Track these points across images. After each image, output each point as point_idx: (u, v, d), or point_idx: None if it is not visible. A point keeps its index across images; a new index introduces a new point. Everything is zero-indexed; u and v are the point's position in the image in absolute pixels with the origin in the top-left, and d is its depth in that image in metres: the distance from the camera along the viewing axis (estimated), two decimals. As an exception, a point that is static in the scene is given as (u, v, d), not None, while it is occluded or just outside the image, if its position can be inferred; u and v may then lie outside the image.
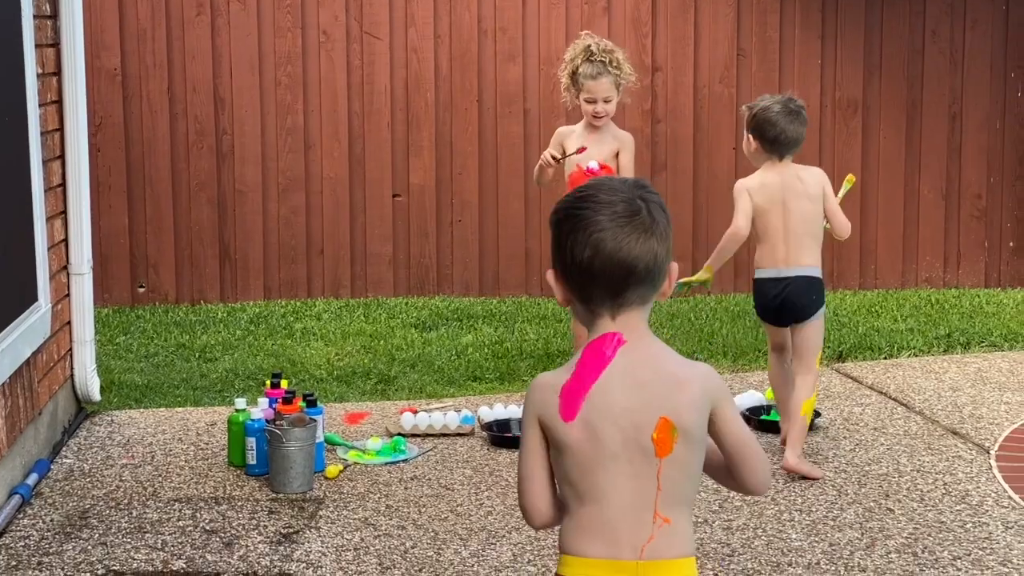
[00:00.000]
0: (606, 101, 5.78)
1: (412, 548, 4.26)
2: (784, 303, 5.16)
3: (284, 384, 5.36)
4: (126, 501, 4.74)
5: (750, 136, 5.22)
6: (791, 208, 5.18)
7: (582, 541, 2.33)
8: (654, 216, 2.34)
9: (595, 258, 2.29)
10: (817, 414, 5.66)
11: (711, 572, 4.04)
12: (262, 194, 8.54)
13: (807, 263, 5.20)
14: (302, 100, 8.52)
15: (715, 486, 4.47)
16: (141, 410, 6.00)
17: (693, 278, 5.34)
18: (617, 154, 5.86)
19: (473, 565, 4.11)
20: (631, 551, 2.29)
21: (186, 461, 5.21)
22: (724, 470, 2.43)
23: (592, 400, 2.32)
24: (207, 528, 4.45)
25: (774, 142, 5.14)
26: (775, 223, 5.21)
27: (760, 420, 5.61)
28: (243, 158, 8.51)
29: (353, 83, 8.56)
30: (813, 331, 5.17)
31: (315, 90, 8.53)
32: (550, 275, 2.39)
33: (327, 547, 4.27)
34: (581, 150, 5.76)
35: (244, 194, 8.53)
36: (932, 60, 8.95)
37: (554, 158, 5.79)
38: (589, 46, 5.77)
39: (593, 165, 5.72)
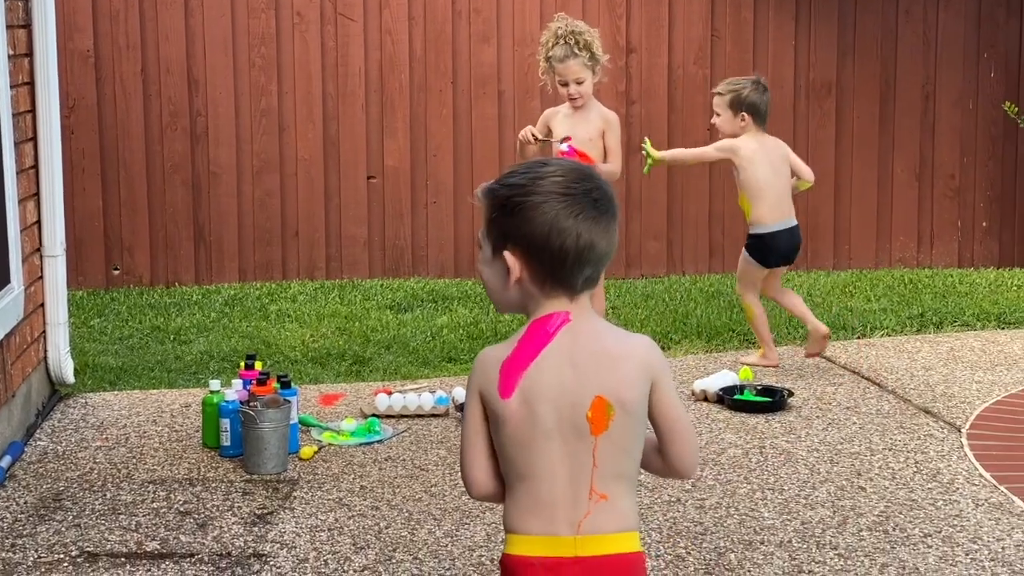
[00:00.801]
0: (578, 83, 5.78)
1: (386, 528, 4.27)
2: (795, 248, 6.25)
3: (258, 366, 5.35)
4: (100, 483, 4.73)
5: (744, 113, 6.14)
6: (780, 170, 6.23)
7: (522, 519, 2.36)
8: (614, 201, 2.39)
9: (580, 243, 2.32)
10: (790, 393, 5.70)
11: (683, 550, 4.07)
12: (236, 176, 8.52)
13: (793, 214, 6.30)
14: (276, 81, 8.50)
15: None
16: (115, 392, 5.99)
17: (653, 155, 6.32)
18: (603, 135, 5.87)
19: (447, 545, 4.12)
20: (568, 527, 2.32)
21: (160, 443, 5.20)
22: (653, 451, 2.44)
23: (530, 378, 2.34)
24: (181, 509, 4.45)
25: (763, 116, 6.22)
26: (772, 182, 6.18)
27: (734, 400, 5.65)
28: (217, 140, 8.48)
29: (327, 65, 8.54)
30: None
31: (289, 72, 8.51)
32: (508, 255, 2.36)
33: (301, 527, 4.28)
34: (567, 139, 5.77)
35: (218, 176, 8.51)
36: (905, 41, 8.98)
37: (534, 136, 5.79)
38: (559, 28, 5.78)
39: (563, 147, 5.73)
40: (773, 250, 6.20)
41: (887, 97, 8.99)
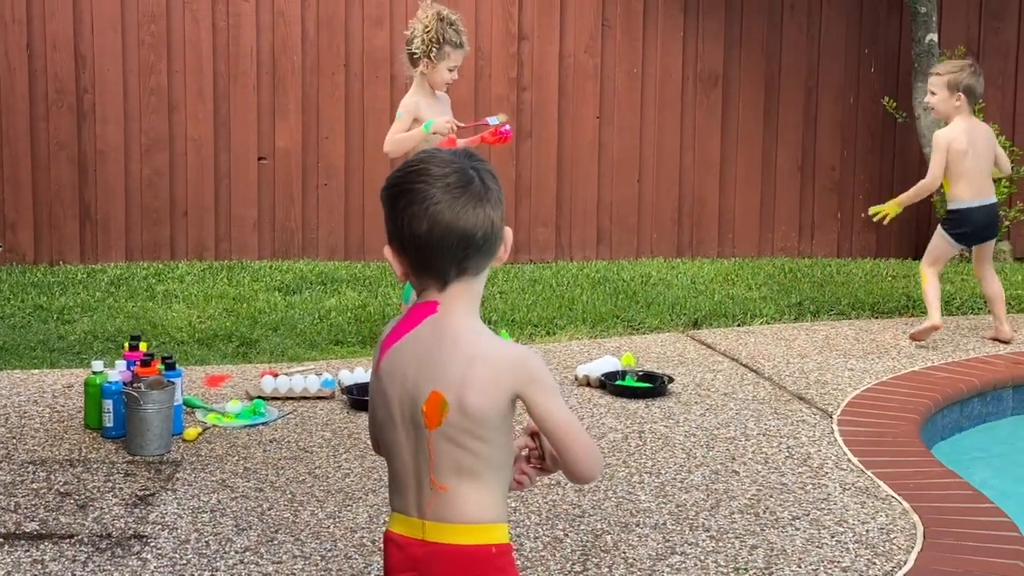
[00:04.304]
0: (456, 68, 5.86)
1: (269, 510, 4.30)
2: (990, 224, 6.71)
3: (143, 346, 5.33)
4: (-21, 464, 4.69)
5: (960, 94, 6.61)
6: (982, 154, 6.67)
7: (391, 494, 2.45)
8: (487, 184, 2.36)
9: (433, 230, 2.31)
10: (671, 379, 5.83)
11: (561, 532, 4.16)
12: (124, 154, 8.44)
13: (992, 193, 6.79)
14: (166, 60, 8.43)
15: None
16: (-4, 372, 5.92)
17: (884, 207, 6.79)
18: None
19: (329, 526, 4.17)
20: (416, 510, 2.38)
21: (41, 423, 5.17)
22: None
23: (387, 362, 2.40)
24: (61, 490, 4.44)
25: (976, 99, 6.79)
26: (974, 164, 6.63)
27: (615, 385, 5.76)
28: (104, 118, 8.39)
29: (218, 44, 8.49)
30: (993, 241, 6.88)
31: (179, 50, 8.44)
32: (388, 251, 2.40)
33: (183, 509, 4.29)
34: (483, 123, 5.83)
35: (105, 154, 8.42)
36: (790, 34, 9.18)
37: (457, 126, 5.79)
38: (447, 14, 5.80)
39: (493, 120, 5.79)
40: (968, 223, 6.61)
41: (771, 90, 9.19)
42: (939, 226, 6.79)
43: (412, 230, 2.32)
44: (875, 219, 6.89)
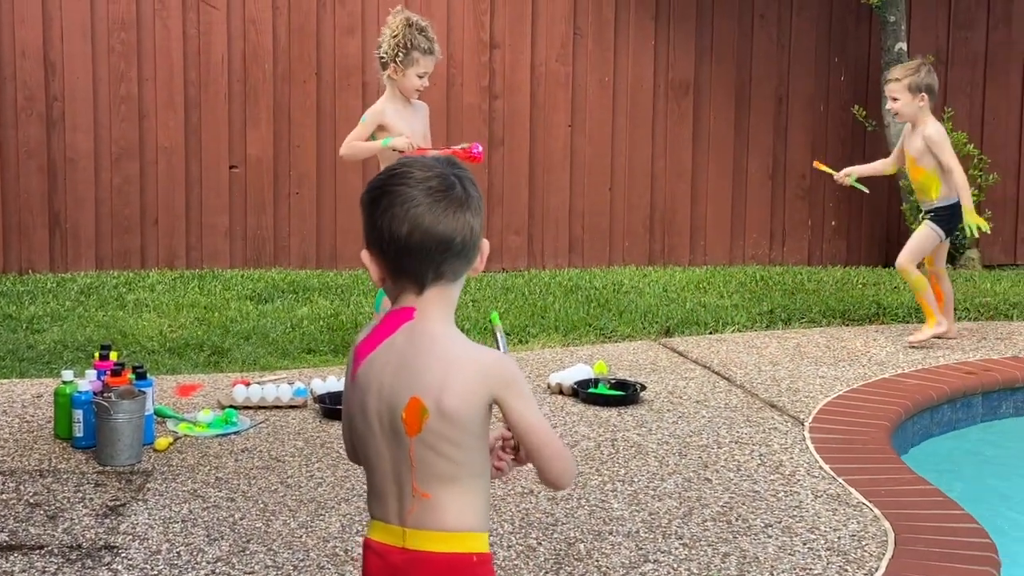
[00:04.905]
0: (427, 75, 5.84)
1: (241, 520, 4.28)
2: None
3: (114, 356, 5.30)
4: (-53, 475, 4.65)
5: (923, 94, 6.68)
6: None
7: (370, 502, 2.44)
8: (468, 191, 2.37)
9: (413, 233, 2.31)
10: (643, 387, 5.84)
11: (535, 540, 4.16)
12: (94, 163, 8.40)
13: None
14: (136, 68, 8.40)
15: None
16: (-35, 382, 5.88)
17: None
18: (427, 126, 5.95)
19: (301, 536, 4.15)
20: (396, 518, 2.38)
21: (10, 434, 5.13)
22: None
23: (363, 370, 2.39)
24: (31, 501, 4.41)
25: (935, 96, 6.83)
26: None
27: (588, 393, 5.76)
28: (75, 126, 8.35)
29: (189, 52, 8.46)
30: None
31: (150, 58, 8.41)
32: (365, 255, 2.40)
33: (154, 519, 4.27)
34: (470, 149, 5.84)
35: (75, 162, 8.38)
36: (760, 43, 9.23)
37: (413, 147, 5.76)
38: (416, 20, 5.79)
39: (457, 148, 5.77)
40: (958, 217, 6.71)
41: (742, 98, 9.23)
42: (927, 221, 6.83)
43: (392, 232, 2.32)
44: (829, 173, 7.19)
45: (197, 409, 5.46)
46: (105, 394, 4.82)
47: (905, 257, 6.82)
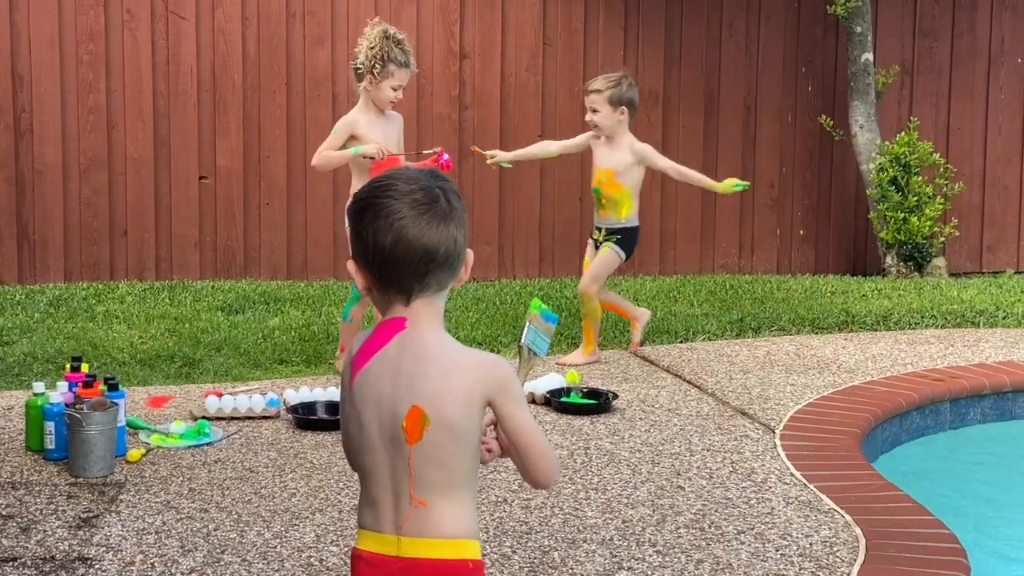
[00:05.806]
0: (401, 87, 5.87)
1: (215, 530, 4.28)
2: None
3: (85, 368, 5.28)
4: (-82, 488, 4.62)
5: (624, 107, 6.48)
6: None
7: (361, 511, 2.45)
8: (452, 203, 2.40)
9: (397, 244, 2.34)
10: (615, 395, 5.86)
11: (509, 549, 4.17)
12: (63, 174, 8.37)
13: None
14: (104, 79, 8.38)
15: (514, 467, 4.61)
16: (-66, 395, 5.84)
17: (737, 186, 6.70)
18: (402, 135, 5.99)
19: (276, 546, 4.15)
20: (392, 526, 2.39)
21: (-18, 446, 5.11)
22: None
23: (359, 381, 2.41)
24: (3, 513, 4.38)
25: (636, 112, 6.68)
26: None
27: (561, 402, 5.78)
28: (43, 137, 8.32)
29: (158, 63, 8.45)
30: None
31: (118, 69, 8.39)
32: (351, 265, 2.42)
33: (128, 531, 4.25)
34: (438, 157, 5.86)
35: (43, 174, 8.34)
36: (729, 53, 9.28)
37: (386, 153, 5.79)
38: (393, 33, 5.82)
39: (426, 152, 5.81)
40: (635, 241, 6.68)
41: (711, 108, 9.28)
42: (612, 245, 6.58)
43: (376, 243, 2.35)
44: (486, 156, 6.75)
45: (169, 420, 5.44)
46: (77, 406, 4.80)
47: (589, 282, 6.62)
